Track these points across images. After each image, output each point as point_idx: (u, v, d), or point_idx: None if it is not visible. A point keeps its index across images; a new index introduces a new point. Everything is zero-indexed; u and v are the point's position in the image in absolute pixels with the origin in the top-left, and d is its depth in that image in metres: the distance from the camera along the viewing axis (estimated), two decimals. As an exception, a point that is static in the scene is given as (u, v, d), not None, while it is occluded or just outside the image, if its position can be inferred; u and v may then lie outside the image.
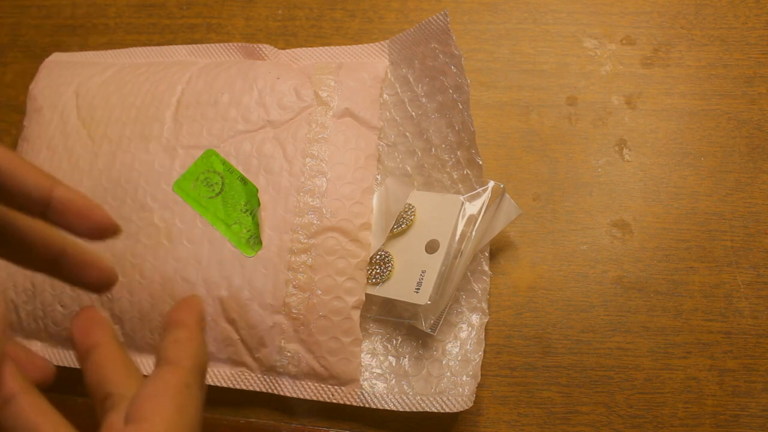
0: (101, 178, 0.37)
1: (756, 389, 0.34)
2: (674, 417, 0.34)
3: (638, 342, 0.35)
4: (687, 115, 0.39)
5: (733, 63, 0.40)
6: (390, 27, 0.43)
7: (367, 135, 0.37)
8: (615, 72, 0.40)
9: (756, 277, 0.36)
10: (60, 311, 0.36)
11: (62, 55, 0.44)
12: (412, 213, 0.36)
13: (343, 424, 0.35)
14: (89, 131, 0.38)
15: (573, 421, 0.34)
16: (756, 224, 0.36)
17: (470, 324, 0.35)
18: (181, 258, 0.35)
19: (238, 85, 0.37)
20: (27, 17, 0.48)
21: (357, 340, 0.34)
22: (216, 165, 0.36)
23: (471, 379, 0.33)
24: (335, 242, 0.34)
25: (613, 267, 0.36)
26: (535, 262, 0.37)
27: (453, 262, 0.34)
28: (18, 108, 0.44)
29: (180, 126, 0.37)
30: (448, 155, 0.37)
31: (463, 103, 0.36)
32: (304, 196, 0.35)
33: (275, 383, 0.34)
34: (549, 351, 0.35)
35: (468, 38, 0.42)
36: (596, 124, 0.39)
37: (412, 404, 0.33)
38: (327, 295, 0.33)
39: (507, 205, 0.35)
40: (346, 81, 0.38)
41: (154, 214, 0.36)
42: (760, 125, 0.38)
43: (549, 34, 0.41)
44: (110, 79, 0.40)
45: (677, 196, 0.37)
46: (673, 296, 0.36)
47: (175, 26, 0.45)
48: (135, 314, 0.35)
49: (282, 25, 0.44)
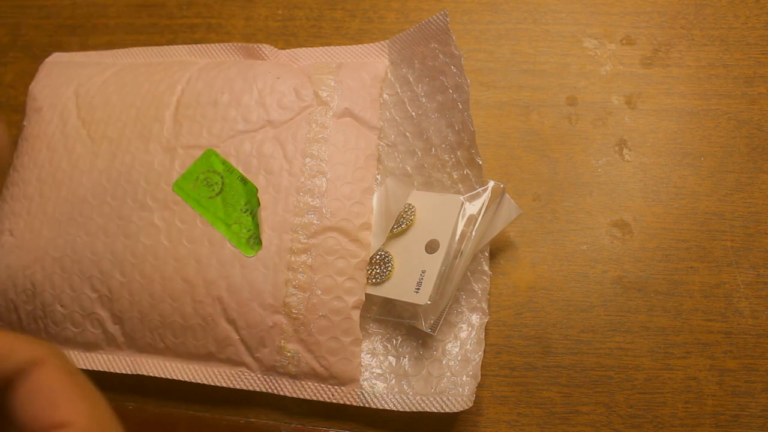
0: (101, 178, 0.37)
1: (756, 389, 0.34)
2: (674, 417, 0.34)
3: (638, 342, 0.35)
4: (687, 115, 0.39)
5: (733, 63, 0.40)
6: (390, 27, 0.43)
7: (367, 135, 0.37)
8: (615, 72, 0.40)
9: (756, 277, 0.36)
10: (60, 311, 0.36)
11: (62, 55, 0.44)
12: (412, 213, 0.36)
13: (343, 424, 0.35)
14: (89, 131, 0.38)
15: (573, 421, 0.34)
16: (756, 224, 0.36)
17: (470, 324, 0.35)
18: (181, 258, 0.35)
19: (238, 85, 0.38)
20: (27, 17, 0.48)
21: (357, 340, 0.34)
22: (216, 165, 0.36)
23: (471, 379, 0.33)
24: (335, 242, 0.34)
25: (613, 267, 0.36)
26: (535, 262, 0.37)
27: (453, 262, 0.34)
28: (18, 108, 0.45)
29: (180, 126, 0.37)
30: (448, 155, 0.37)
31: (463, 103, 0.36)
32: (304, 196, 0.35)
33: (275, 383, 0.34)
34: (549, 351, 0.35)
35: (468, 38, 0.42)
36: (596, 124, 0.39)
37: (412, 404, 0.33)
38: (327, 295, 0.34)
39: (507, 205, 0.35)
40: (346, 81, 0.38)
41: (154, 214, 0.36)
42: (760, 125, 0.38)
43: (549, 34, 0.41)
44: (110, 79, 0.40)
45: (677, 196, 0.37)
46: (673, 296, 0.36)
47: (175, 26, 0.45)
48: (135, 314, 0.35)
49: (282, 25, 0.44)
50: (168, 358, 0.36)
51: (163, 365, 0.36)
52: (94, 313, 0.36)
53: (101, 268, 0.36)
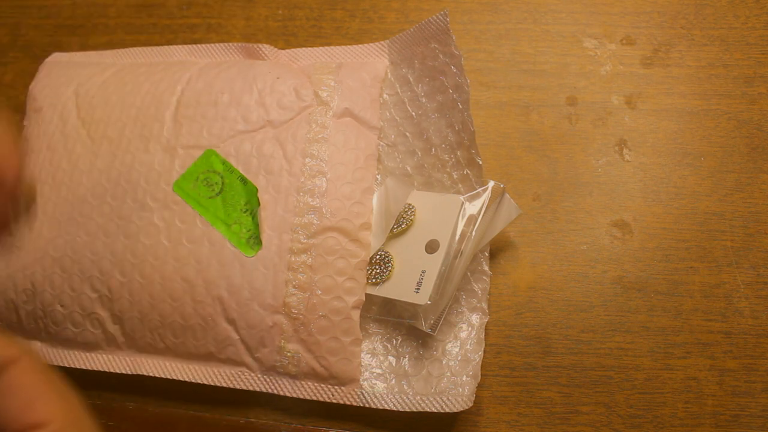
0: (101, 178, 0.37)
1: (756, 389, 0.34)
2: (674, 417, 0.34)
3: (638, 342, 0.35)
4: (687, 115, 0.39)
5: (733, 63, 0.40)
6: (390, 27, 0.43)
7: (367, 135, 0.37)
8: (615, 72, 0.40)
9: (756, 277, 0.36)
10: (60, 311, 0.36)
11: (62, 55, 0.44)
12: (412, 213, 0.36)
13: (343, 424, 0.35)
14: (89, 131, 0.38)
15: (573, 421, 0.34)
16: (756, 224, 0.36)
17: (470, 324, 0.35)
18: (181, 258, 0.35)
19: (238, 85, 0.38)
20: (27, 17, 0.48)
21: (357, 340, 0.34)
22: (216, 165, 0.36)
23: (471, 379, 0.33)
24: (335, 242, 0.34)
25: (613, 267, 0.36)
26: (535, 262, 0.37)
27: (453, 262, 0.34)
28: (18, 108, 0.45)
29: (180, 126, 0.37)
30: (448, 155, 0.37)
31: (463, 103, 0.36)
32: (304, 196, 0.35)
33: (275, 383, 0.34)
34: (549, 351, 0.35)
35: (468, 38, 0.42)
36: (596, 124, 0.39)
37: (412, 404, 0.33)
38: (327, 295, 0.34)
39: (507, 205, 0.35)
40: (346, 81, 0.38)
41: (154, 214, 0.36)
42: (760, 125, 0.38)
43: (549, 34, 0.41)
44: (110, 79, 0.40)
45: (677, 196, 0.37)
46: (673, 296, 0.36)
47: (175, 26, 0.45)
48: (135, 314, 0.35)
49: (282, 25, 0.44)
50: (168, 358, 0.36)
51: (163, 365, 0.36)
52: (94, 313, 0.36)
53: (101, 268, 0.36)
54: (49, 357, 0.37)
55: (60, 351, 0.37)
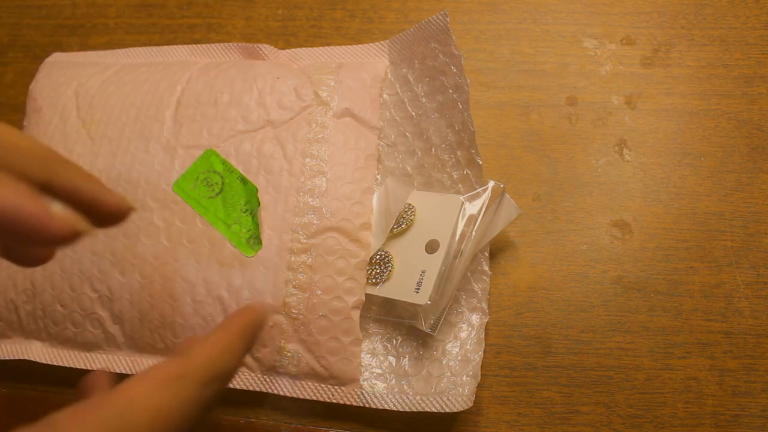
0: (101, 177, 0.37)
1: (756, 389, 0.34)
2: (674, 417, 0.34)
3: (638, 342, 0.35)
4: (687, 115, 0.39)
5: (733, 63, 0.40)
6: (390, 27, 0.43)
7: (367, 135, 0.37)
8: (615, 72, 0.40)
9: (756, 277, 0.36)
10: (60, 311, 0.36)
11: (62, 55, 0.44)
12: (412, 213, 0.36)
13: (343, 424, 0.35)
14: (89, 131, 0.38)
15: (573, 421, 0.34)
16: (756, 224, 0.36)
17: (470, 324, 0.35)
18: (181, 258, 0.35)
19: (238, 85, 0.37)
20: (27, 17, 0.48)
21: (357, 340, 0.34)
22: (216, 165, 0.36)
23: (471, 379, 0.33)
24: (335, 242, 0.34)
25: (613, 267, 0.36)
26: (535, 262, 0.37)
27: (453, 262, 0.34)
28: (18, 108, 0.45)
29: (180, 126, 0.37)
30: (448, 155, 0.37)
31: (463, 103, 0.36)
32: (304, 195, 0.35)
33: (275, 383, 0.34)
34: (549, 351, 0.35)
35: (468, 38, 0.42)
36: (596, 124, 0.39)
37: (412, 404, 0.33)
38: (327, 295, 0.33)
39: (507, 205, 0.35)
40: (346, 81, 0.38)
41: (154, 214, 0.36)
42: (760, 125, 0.38)
43: (549, 34, 0.41)
44: (110, 79, 0.40)
45: (677, 196, 0.37)
46: (673, 296, 0.36)
47: (175, 26, 0.45)
48: (135, 314, 0.35)
49: (282, 25, 0.44)
50: (168, 358, 0.36)
51: (163, 365, 0.36)
52: (94, 313, 0.36)
53: (101, 268, 0.36)
54: (49, 357, 0.37)
55: (60, 351, 0.37)
